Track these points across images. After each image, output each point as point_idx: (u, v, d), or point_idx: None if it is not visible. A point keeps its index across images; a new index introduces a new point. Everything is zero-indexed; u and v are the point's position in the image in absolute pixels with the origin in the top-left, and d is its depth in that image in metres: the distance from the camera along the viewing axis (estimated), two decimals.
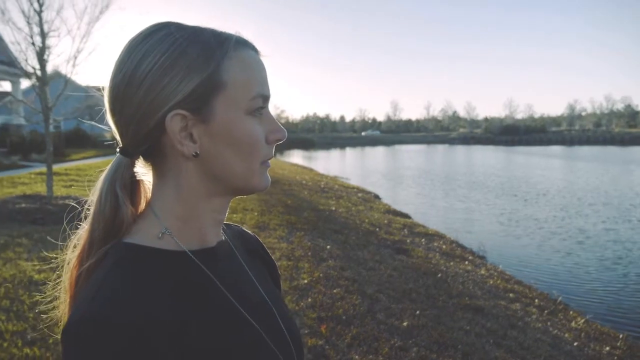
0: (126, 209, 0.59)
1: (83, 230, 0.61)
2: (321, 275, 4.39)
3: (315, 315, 3.45)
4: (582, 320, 4.59)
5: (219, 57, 0.56)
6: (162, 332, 0.50)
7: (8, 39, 6.69)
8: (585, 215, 11.08)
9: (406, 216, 10.02)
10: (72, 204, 0.68)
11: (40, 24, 6.30)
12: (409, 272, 5.09)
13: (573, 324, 4.49)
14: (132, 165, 0.61)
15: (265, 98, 0.60)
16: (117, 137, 0.60)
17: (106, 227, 0.59)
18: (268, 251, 0.81)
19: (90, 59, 6.88)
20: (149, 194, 0.63)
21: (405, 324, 3.51)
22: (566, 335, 4.12)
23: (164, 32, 0.56)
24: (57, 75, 7.35)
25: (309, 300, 3.74)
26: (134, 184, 0.63)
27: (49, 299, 0.64)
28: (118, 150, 0.61)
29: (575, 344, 3.91)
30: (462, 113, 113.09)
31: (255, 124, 0.59)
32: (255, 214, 7.36)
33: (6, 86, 18.65)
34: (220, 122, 0.57)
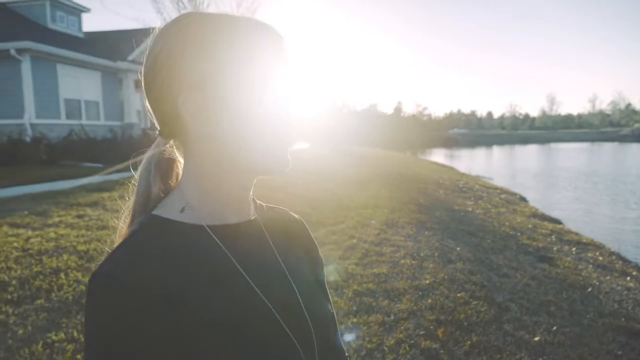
0: (155, 184, 0.64)
1: (129, 202, 0.67)
2: (446, 277, 4.17)
3: (434, 317, 3.28)
4: None
5: (234, 41, 0.58)
6: (160, 296, 0.52)
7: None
8: None
9: (556, 222, 8.97)
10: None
11: None
12: (551, 283, 4.55)
13: None
14: (167, 145, 0.67)
15: (285, 79, 0.61)
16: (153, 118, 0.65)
17: (142, 200, 0.65)
18: (312, 237, 0.81)
19: None
20: (181, 172, 0.67)
21: (537, 339, 3.14)
22: None
23: (183, 22, 0.60)
24: None
25: (429, 301, 3.58)
26: (170, 163, 0.68)
27: None
28: (157, 131, 0.65)
29: None
30: (638, 106, 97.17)
31: (272, 105, 0.60)
32: (386, 210, 7.32)
33: None
34: (232, 102, 0.59)
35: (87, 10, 17.27)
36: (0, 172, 9.35)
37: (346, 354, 0.82)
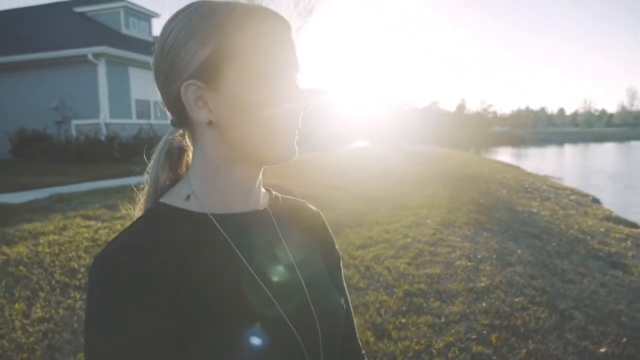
0: (162, 173, 0.66)
1: (143, 191, 0.69)
2: (503, 280, 3.98)
3: (488, 322, 3.14)
4: None
5: (230, 28, 0.58)
6: (155, 278, 0.53)
7: None
8: None
9: (634, 225, 8.29)
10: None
11: None
12: (623, 291, 4.20)
13: None
14: (178, 133, 0.68)
15: (283, 65, 0.60)
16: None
17: (153, 189, 0.67)
18: (328, 229, 0.79)
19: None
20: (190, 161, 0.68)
21: (603, 350, 2.92)
22: None
23: (188, 10, 0.60)
24: None
25: (484, 304, 3.43)
26: (181, 152, 0.69)
27: None
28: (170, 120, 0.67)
29: None
30: None
31: (269, 93, 0.59)
32: (443, 210, 7.11)
33: None
34: (231, 91, 0.58)
35: (156, 15, 18.24)
36: (78, 169, 10.11)
37: (362, 352, 0.80)
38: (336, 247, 0.79)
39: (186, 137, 0.68)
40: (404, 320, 3.10)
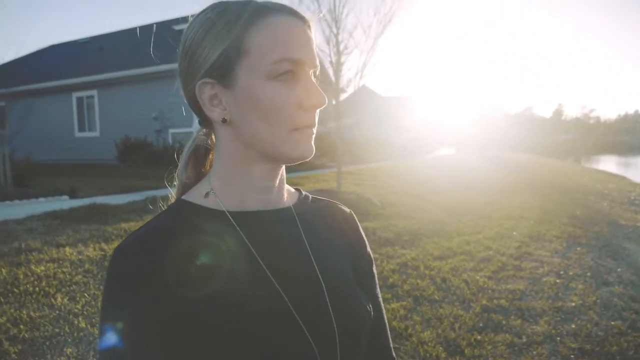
0: (186, 172, 0.68)
1: (175, 189, 0.72)
2: (598, 300, 3.60)
3: (576, 345, 2.86)
4: None
5: (241, 25, 0.58)
6: (165, 270, 0.54)
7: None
8: None
9: None
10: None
11: (337, 44, 7.38)
12: None
13: None
14: (203, 133, 0.69)
15: (295, 62, 0.58)
16: None
17: (179, 186, 0.69)
18: (360, 231, 0.76)
19: (376, 70, 7.62)
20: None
21: None
22: None
23: (207, 10, 0.61)
24: (353, 86, 8.49)
25: (573, 326, 3.12)
26: (207, 151, 0.70)
27: None
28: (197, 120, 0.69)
29: None
30: None
31: (280, 89, 0.58)
32: (531, 222, 6.63)
33: None
34: (243, 88, 0.58)
35: None
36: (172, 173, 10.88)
37: None
38: (368, 250, 0.76)
39: (212, 136, 0.70)
40: (479, 338, 2.92)
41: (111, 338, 0.50)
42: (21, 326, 2.66)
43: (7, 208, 6.36)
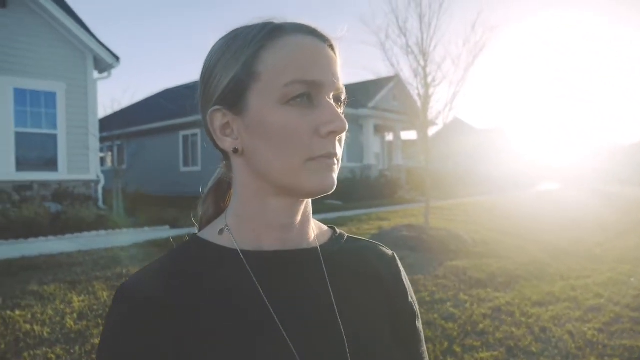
0: (204, 206, 0.65)
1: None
2: None
3: None
4: None
5: (253, 48, 0.54)
6: (165, 313, 0.51)
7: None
8: None
9: None
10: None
11: (425, 77, 7.27)
12: None
13: None
14: (223, 165, 0.65)
15: (310, 84, 0.52)
16: None
17: (201, 221, 0.66)
18: (402, 277, 0.66)
19: (469, 102, 7.36)
20: None
21: None
22: None
23: (224, 36, 0.58)
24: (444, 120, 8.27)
25: None
26: (229, 185, 0.66)
27: None
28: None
29: None
30: None
31: (293, 114, 0.52)
32: None
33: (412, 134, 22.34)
34: (254, 115, 0.53)
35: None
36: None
37: None
38: (410, 300, 0.65)
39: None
40: None
41: None
42: None
43: (116, 236, 7.00)
